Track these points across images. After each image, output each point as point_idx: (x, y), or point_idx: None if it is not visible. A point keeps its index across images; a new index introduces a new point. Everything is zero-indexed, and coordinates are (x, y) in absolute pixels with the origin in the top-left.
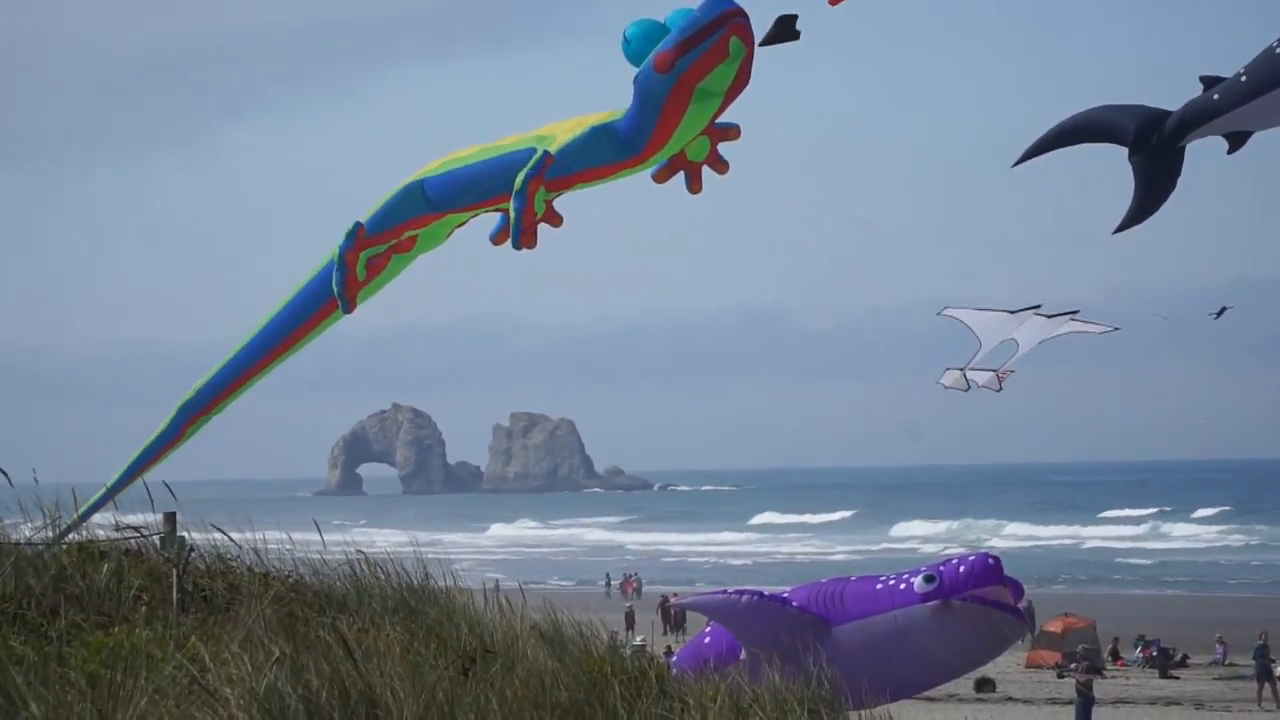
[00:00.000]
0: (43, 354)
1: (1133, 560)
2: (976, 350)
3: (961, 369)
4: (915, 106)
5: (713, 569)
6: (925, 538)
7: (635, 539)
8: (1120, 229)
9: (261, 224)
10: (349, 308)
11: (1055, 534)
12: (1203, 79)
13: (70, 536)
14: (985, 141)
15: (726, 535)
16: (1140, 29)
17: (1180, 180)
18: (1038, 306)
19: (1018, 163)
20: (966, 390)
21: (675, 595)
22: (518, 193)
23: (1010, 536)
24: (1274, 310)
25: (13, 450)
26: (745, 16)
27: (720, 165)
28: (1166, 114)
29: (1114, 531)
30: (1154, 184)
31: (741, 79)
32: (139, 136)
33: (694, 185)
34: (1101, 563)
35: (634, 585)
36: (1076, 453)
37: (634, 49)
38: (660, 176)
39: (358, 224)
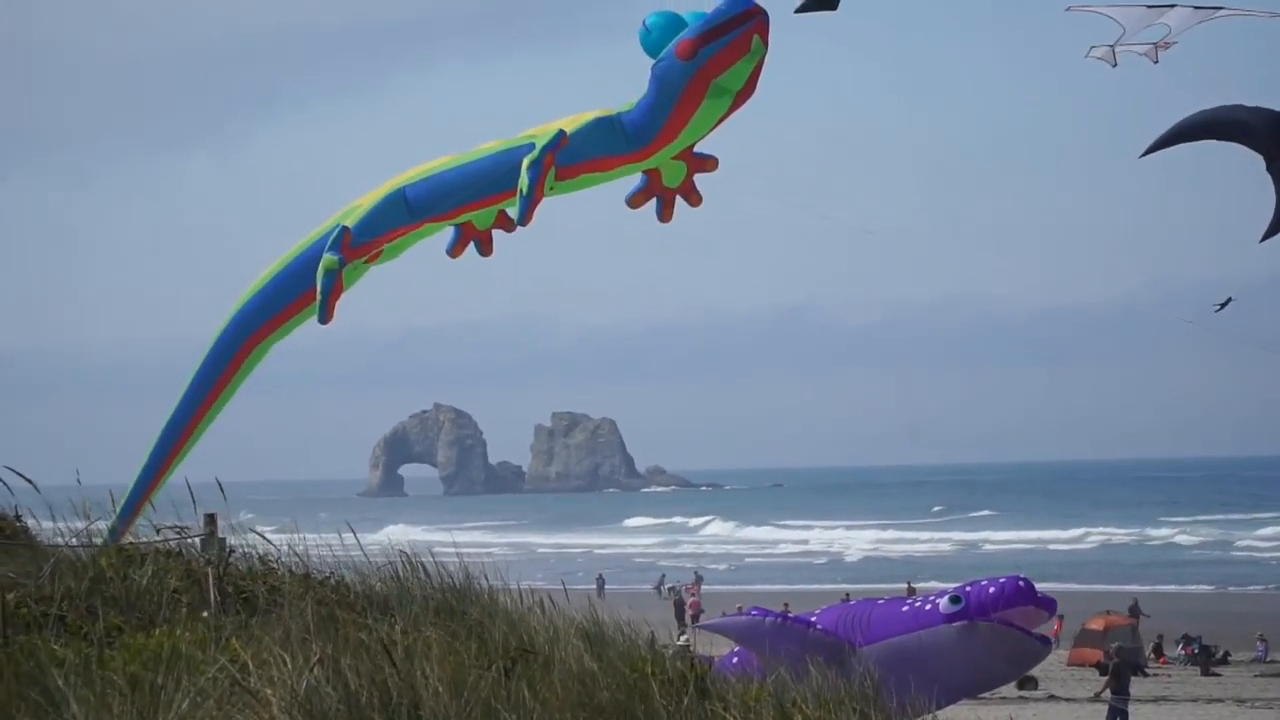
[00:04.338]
0: (81, 355)
1: (1188, 558)
2: (1121, 34)
3: (1110, 45)
4: (935, 102)
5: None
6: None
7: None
8: (1266, 237)
9: (291, 223)
10: (326, 317)
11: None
12: None
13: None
14: (1004, 136)
15: (595, 538)
16: None
17: (1199, 175)
18: (1174, 4)
19: (1146, 153)
20: (1114, 65)
21: (691, 588)
22: (533, 163)
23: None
24: None
25: (55, 452)
26: (768, 17)
27: (694, 196)
28: None
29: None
30: None
31: (752, 82)
32: (164, 135)
33: (665, 213)
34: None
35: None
36: (1091, 451)
37: (654, 38)
38: (635, 201)
39: (344, 229)
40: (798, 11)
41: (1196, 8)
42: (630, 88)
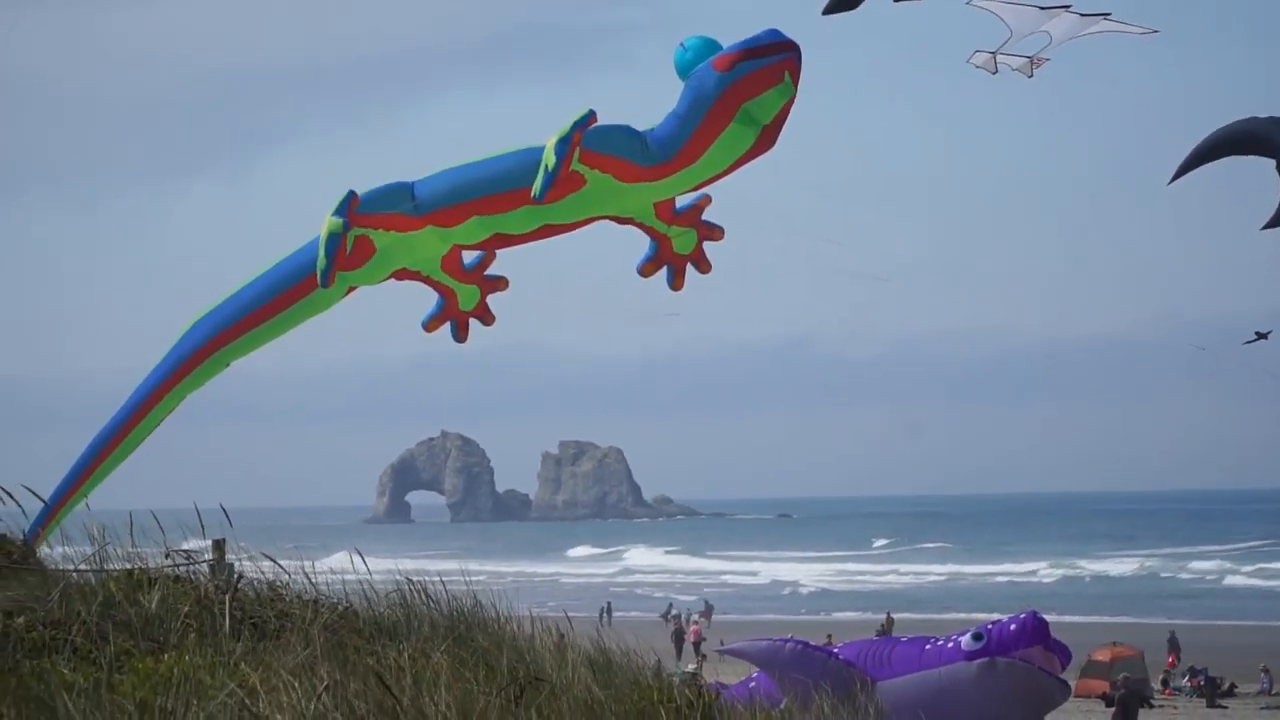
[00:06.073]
0: (81, 381)
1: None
2: (1006, 38)
3: (992, 52)
4: (943, 136)
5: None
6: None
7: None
8: (1269, 225)
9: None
10: (329, 281)
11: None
12: None
13: (118, 564)
14: (1012, 173)
15: (539, 566)
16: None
17: (1213, 207)
18: (1068, 5)
19: (1174, 178)
20: (994, 73)
21: (695, 622)
22: (561, 139)
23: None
24: None
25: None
26: (801, 54)
27: (704, 264)
28: None
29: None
30: None
31: (778, 124)
32: (168, 166)
33: (677, 281)
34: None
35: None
36: (1105, 483)
37: (689, 58)
38: (646, 270)
39: (351, 194)
40: (825, 13)
41: (1082, 15)
42: (639, 121)
